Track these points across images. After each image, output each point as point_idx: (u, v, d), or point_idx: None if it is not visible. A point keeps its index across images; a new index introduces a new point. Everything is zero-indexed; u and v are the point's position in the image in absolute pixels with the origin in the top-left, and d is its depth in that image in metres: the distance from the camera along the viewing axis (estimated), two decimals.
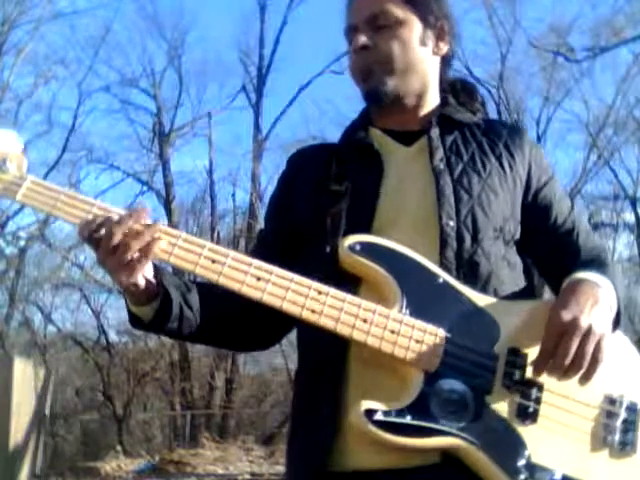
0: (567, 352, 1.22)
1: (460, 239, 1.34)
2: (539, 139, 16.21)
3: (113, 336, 17.78)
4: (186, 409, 16.38)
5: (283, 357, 15.11)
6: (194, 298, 1.37)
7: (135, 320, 1.33)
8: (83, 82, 18.64)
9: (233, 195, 18.68)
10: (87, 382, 18.06)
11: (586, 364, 1.23)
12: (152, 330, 1.36)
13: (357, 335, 1.25)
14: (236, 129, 37.91)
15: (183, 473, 11.33)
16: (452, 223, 1.35)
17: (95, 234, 1.21)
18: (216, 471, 11.37)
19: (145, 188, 18.98)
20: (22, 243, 17.28)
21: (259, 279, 1.26)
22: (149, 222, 1.22)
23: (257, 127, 18.86)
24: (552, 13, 21.15)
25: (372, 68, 1.45)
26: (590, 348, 1.23)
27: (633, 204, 16.33)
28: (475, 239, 1.35)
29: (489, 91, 16.23)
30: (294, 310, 1.26)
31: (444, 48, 1.52)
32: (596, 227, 16.28)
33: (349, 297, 1.27)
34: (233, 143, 33.59)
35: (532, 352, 1.27)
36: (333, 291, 1.27)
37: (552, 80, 15.87)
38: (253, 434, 14.55)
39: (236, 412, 16.65)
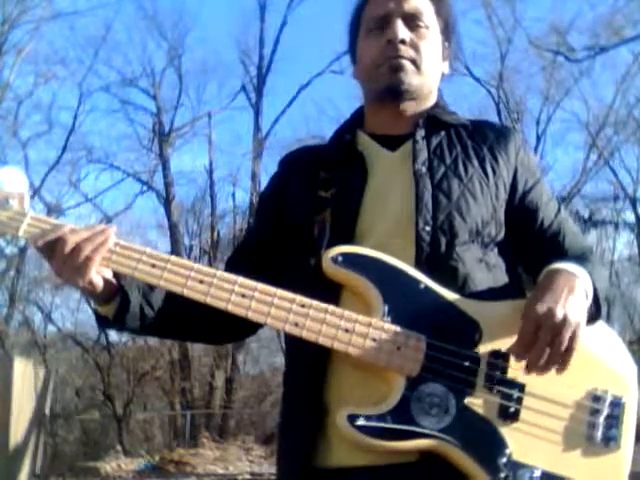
0: (544, 344, 1.23)
1: (435, 244, 1.35)
2: (539, 139, 16.23)
3: (113, 336, 17.76)
4: (186, 409, 16.39)
5: (283, 357, 15.12)
6: (157, 297, 1.41)
7: (101, 319, 1.41)
8: (83, 82, 18.75)
9: (233, 195, 18.74)
10: (87, 382, 18.07)
11: (562, 355, 1.24)
12: (116, 328, 1.44)
13: (338, 346, 1.29)
14: (236, 129, 38.06)
15: (183, 473, 11.35)
16: (428, 228, 1.36)
17: (51, 244, 1.31)
18: (216, 471, 11.39)
19: (145, 188, 19.06)
20: (22, 243, 17.24)
21: (244, 296, 1.31)
22: (100, 229, 1.32)
23: (257, 127, 18.89)
24: (552, 13, 21.13)
25: (404, 64, 1.45)
26: (566, 339, 1.24)
27: (633, 203, 16.35)
28: (450, 244, 1.36)
29: (489, 91, 16.27)
30: (278, 325, 1.30)
31: (446, 67, 1.57)
32: (596, 226, 16.30)
33: (331, 308, 1.31)
34: (233, 143, 33.68)
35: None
36: (316, 303, 1.31)
37: (552, 80, 15.89)
38: (253, 434, 14.58)
39: (236, 412, 16.66)
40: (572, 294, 1.28)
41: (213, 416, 16.57)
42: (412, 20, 1.47)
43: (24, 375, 10.85)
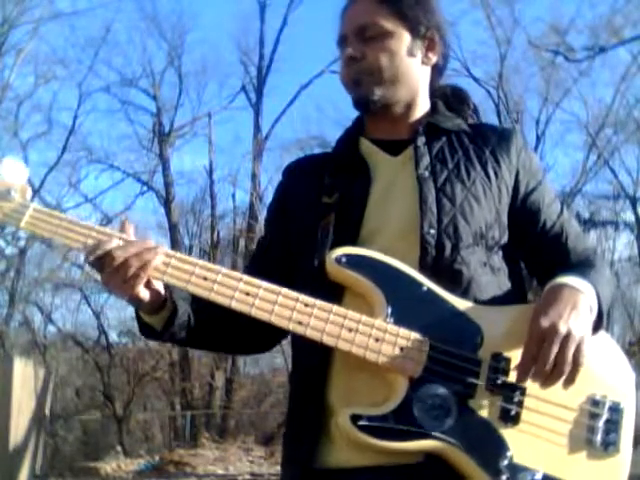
0: (547, 359, 1.24)
1: (440, 247, 1.36)
2: (538, 139, 16.22)
3: (113, 336, 17.79)
4: (186, 409, 16.39)
5: (283, 357, 15.10)
6: (197, 306, 1.42)
7: (146, 329, 1.42)
8: (83, 82, 18.70)
9: (233, 195, 18.73)
10: (87, 382, 18.06)
11: (567, 369, 1.26)
12: (162, 338, 1.44)
13: (342, 345, 1.30)
14: (236, 129, 38.01)
15: (183, 473, 11.34)
16: (433, 231, 1.37)
17: (100, 258, 1.30)
18: (216, 471, 11.38)
19: (145, 188, 19.04)
20: (22, 243, 17.26)
21: (248, 294, 1.32)
22: (150, 245, 1.32)
23: (257, 127, 18.88)
24: (551, 13, 21.15)
25: (361, 78, 1.48)
26: (570, 353, 1.25)
27: (633, 204, 16.34)
28: (455, 247, 1.37)
29: (488, 91, 16.26)
30: (282, 323, 1.31)
31: (433, 58, 1.54)
32: (596, 227, 16.31)
33: (335, 308, 1.32)
34: (233, 143, 33.76)
35: (515, 356, 1.30)
36: (320, 303, 1.32)
37: (551, 80, 15.89)
38: (253, 434, 14.58)
39: (236, 412, 16.66)
40: (576, 310, 1.29)
41: (213, 416, 16.56)
42: (362, 33, 1.48)
43: (24, 375, 10.85)
